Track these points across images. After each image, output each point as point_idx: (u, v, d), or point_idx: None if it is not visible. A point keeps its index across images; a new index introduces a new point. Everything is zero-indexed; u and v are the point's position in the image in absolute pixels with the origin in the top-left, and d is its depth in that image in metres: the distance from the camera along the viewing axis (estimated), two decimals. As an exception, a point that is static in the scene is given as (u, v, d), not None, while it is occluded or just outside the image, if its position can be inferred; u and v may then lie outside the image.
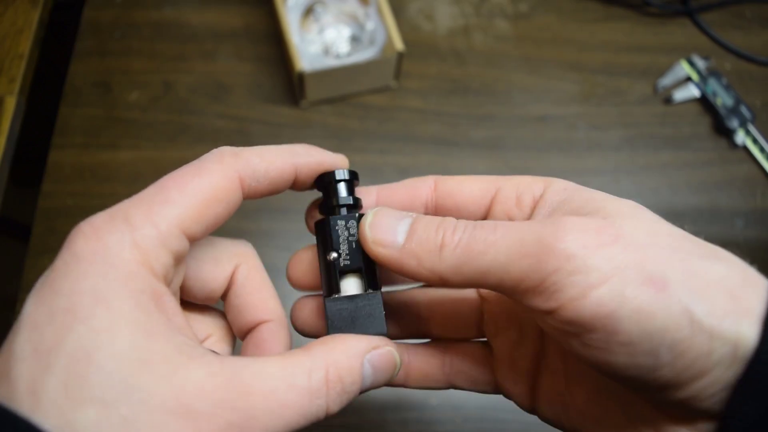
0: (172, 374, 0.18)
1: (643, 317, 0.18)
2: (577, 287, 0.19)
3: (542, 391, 0.26)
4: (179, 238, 0.21)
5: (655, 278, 0.19)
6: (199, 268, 0.24)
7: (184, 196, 0.21)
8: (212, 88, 0.60)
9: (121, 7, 0.63)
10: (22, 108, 0.55)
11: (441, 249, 0.21)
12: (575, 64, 0.63)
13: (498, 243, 0.20)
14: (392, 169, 0.57)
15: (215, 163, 0.22)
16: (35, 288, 0.19)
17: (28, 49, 0.57)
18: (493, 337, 0.27)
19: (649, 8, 0.66)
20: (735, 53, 0.64)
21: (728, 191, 0.58)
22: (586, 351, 0.20)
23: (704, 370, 0.19)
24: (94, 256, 0.19)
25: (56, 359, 0.17)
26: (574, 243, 0.19)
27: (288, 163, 0.24)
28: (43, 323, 0.18)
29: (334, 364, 0.21)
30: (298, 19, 0.58)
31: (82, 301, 0.18)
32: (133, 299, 0.19)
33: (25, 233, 0.54)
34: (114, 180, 0.55)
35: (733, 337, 0.18)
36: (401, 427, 0.47)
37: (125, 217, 0.20)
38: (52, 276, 0.19)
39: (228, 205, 0.22)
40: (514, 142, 0.59)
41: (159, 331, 0.19)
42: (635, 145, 0.60)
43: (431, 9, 0.65)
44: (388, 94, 0.60)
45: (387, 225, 0.23)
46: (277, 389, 0.19)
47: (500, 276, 0.20)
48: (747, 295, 0.19)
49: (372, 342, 0.23)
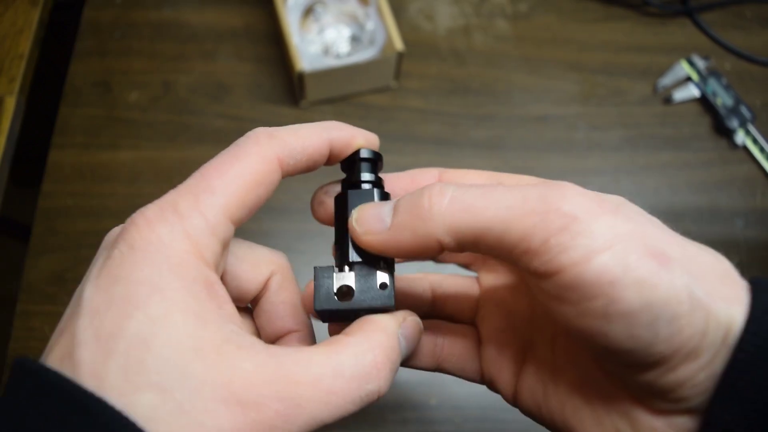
0: (222, 363, 0.19)
1: (645, 287, 0.18)
2: (580, 250, 0.19)
3: (526, 380, 0.26)
4: (226, 225, 0.21)
5: (658, 252, 0.19)
6: (239, 266, 0.24)
7: (227, 184, 0.21)
8: (212, 88, 0.60)
9: (121, 7, 0.63)
10: (22, 108, 0.55)
11: (431, 209, 0.21)
12: (575, 64, 0.63)
13: (499, 199, 0.20)
14: (392, 169, 0.56)
15: (253, 146, 0.22)
16: (92, 275, 0.20)
17: (28, 49, 0.57)
18: (482, 323, 0.28)
19: (649, 8, 0.66)
20: (735, 53, 0.64)
21: (728, 191, 0.58)
22: (583, 320, 0.19)
23: (697, 351, 0.19)
24: (149, 247, 0.19)
25: (116, 345, 0.18)
26: (579, 206, 0.19)
27: (323, 139, 0.24)
28: (103, 309, 0.18)
29: (379, 346, 0.21)
30: (298, 19, 0.58)
31: (139, 290, 0.19)
32: (186, 288, 0.19)
33: (25, 233, 0.54)
34: (114, 180, 0.55)
35: (726, 320, 0.19)
36: (401, 427, 0.47)
37: (174, 209, 0.20)
38: (110, 264, 0.19)
39: (268, 186, 0.22)
40: (515, 142, 0.59)
41: (210, 320, 0.19)
42: (635, 145, 0.60)
43: (431, 9, 0.65)
44: (388, 94, 0.60)
45: (372, 213, 0.23)
46: (324, 377, 0.20)
47: (500, 234, 0.20)
48: (734, 284, 0.20)
49: (398, 316, 0.23)
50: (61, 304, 0.50)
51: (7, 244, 0.87)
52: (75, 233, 0.53)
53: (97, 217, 0.53)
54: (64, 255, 0.52)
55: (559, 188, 0.20)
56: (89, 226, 0.53)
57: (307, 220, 0.31)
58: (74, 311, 0.19)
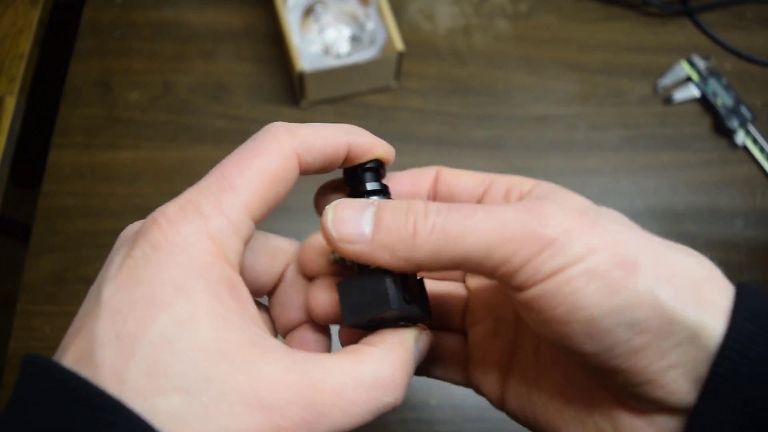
0: (248, 367, 0.18)
1: (606, 294, 0.19)
2: (553, 269, 0.19)
3: (511, 384, 0.26)
4: (248, 224, 0.21)
5: (626, 260, 0.19)
6: (256, 260, 0.24)
7: (247, 181, 0.21)
8: (212, 88, 0.60)
9: (121, 7, 0.63)
10: (22, 108, 0.55)
11: (414, 236, 0.21)
12: (575, 64, 0.63)
13: (478, 227, 0.20)
14: (393, 169, 0.56)
15: (272, 142, 0.22)
16: (110, 274, 0.19)
17: (28, 49, 0.57)
18: (470, 327, 0.28)
19: (649, 8, 0.66)
20: (735, 53, 0.64)
21: (728, 191, 0.58)
22: (548, 327, 0.20)
23: (662, 352, 0.19)
24: (172, 248, 0.19)
25: (140, 347, 0.18)
26: (557, 228, 0.20)
27: (343, 140, 0.24)
28: (125, 310, 0.18)
29: (399, 359, 0.21)
30: (299, 19, 0.58)
31: (163, 291, 0.18)
32: (210, 290, 0.19)
33: (25, 233, 0.54)
34: (114, 180, 0.55)
35: (694, 324, 0.19)
36: (401, 427, 0.47)
37: (196, 208, 0.20)
38: (131, 264, 0.19)
39: (288, 183, 0.22)
40: (515, 142, 0.59)
41: (235, 322, 0.19)
42: (635, 146, 0.60)
43: (431, 9, 0.65)
44: (388, 94, 0.60)
45: (350, 218, 0.22)
46: (346, 386, 0.20)
47: (480, 260, 0.20)
48: (711, 288, 0.20)
49: (416, 329, 0.23)
50: (61, 304, 0.50)
51: (7, 244, 0.87)
52: (75, 233, 0.53)
53: (97, 217, 0.53)
54: (64, 255, 0.52)
55: (538, 211, 0.20)
56: (89, 226, 0.53)
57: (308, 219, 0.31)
58: (92, 311, 0.19)
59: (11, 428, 0.17)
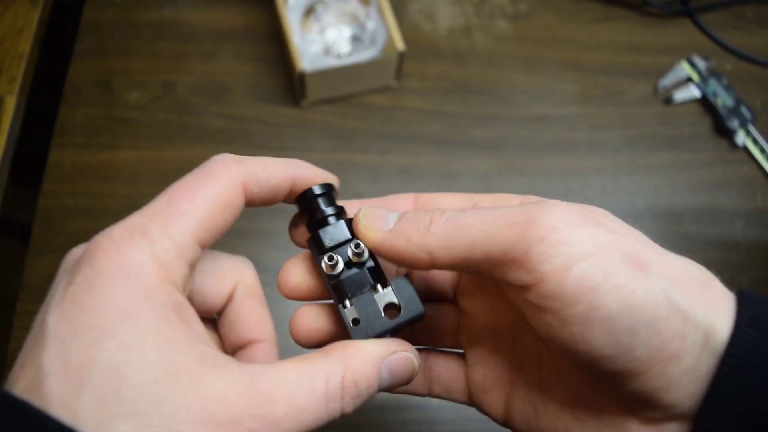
0: (197, 385, 0.19)
1: (624, 293, 0.19)
2: (561, 257, 0.20)
3: (516, 402, 0.26)
4: (194, 247, 0.21)
5: (636, 259, 0.19)
6: (203, 282, 0.24)
7: (195, 206, 0.21)
8: (212, 88, 0.60)
9: (121, 7, 0.63)
10: (22, 108, 0.55)
11: (430, 225, 0.22)
12: (575, 64, 0.63)
13: (485, 216, 0.22)
14: (393, 169, 0.57)
15: (221, 171, 0.22)
16: (54, 301, 0.19)
17: (28, 49, 0.57)
18: (468, 348, 0.28)
19: (649, 8, 0.66)
20: (735, 54, 0.64)
21: (728, 191, 0.58)
22: (565, 328, 0.20)
23: (678, 354, 0.19)
24: (118, 272, 0.19)
25: (88, 376, 0.18)
26: (558, 218, 0.20)
27: (288, 174, 0.25)
28: (70, 339, 0.18)
29: (350, 369, 0.22)
30: (299, 19, 0.58)
31: (108, 318, 0.18)
32: (156, 313, 0.19)
33: (25, 233, 0.54)
34: (114, 180, 0.55)
35: (705, 324, 0.19)
36: (401, 427, 0.47)
37: (143, 231, 0.20)
38: (74, 291, 0.19)
39: (234, 211, 0.23)
40: (515, 142, 0.59)
41: (182, 342, 0.19)
42: (635, 146, 0.60)
43: (432, 9, 0.65)
44: (388, 94, 0.60)
45: (379, 214, 0.24)
46: (296, 395, 0.20)
47: (486, 247, 0.21)
48: (715, 292, 0.20)
49: (390, 347, 0.23)
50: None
51: (7, 244, 0.87)
52: (75, 233, 0.53)
53: (97, 217, 0.53)
54: (64, 255, 0.52)
55: (541, 204, 0.21)
56: (89, 226, 0.53)
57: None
58: (38, 341, 0.19)
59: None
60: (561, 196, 0.57)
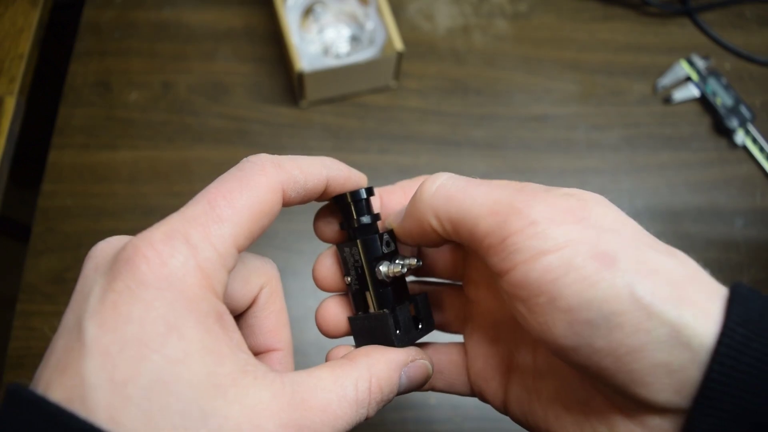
0: (242, 397, 0.19)
1: (585, 286, 0.19)
2: (531, 251, 0.20)
3: (512, 390, 0.26)
4: (234, 255, 0.21)
5: (605, 255, 0.20)
6: (231, 285, 0.24)
7: (235, 214, 0.21)
8: (212, 88, 0.60)
9: (121, 7, 0.63)
10: (22, 108, 0.55)
11: (421, 195, 0.24)
12: (575, 63, 0.63)
13: (475, 195, 0.22)
14: (392, 169, 0.57)
15: (260, 176, 0.22)
16: (93, 309, 0.19)
17: (28, 49, 0.57)
18: (470, 335, 0.28)
19: (649, 8, 0.66)
20: (735, 53, 0.64)
21: (728, 191, 0.58)
22: (532, 317, 0.21)
23: (643, 349, 0.19)
24: (161, 283, 0.19)
25: (135, 390, 0.17)
26: (541, 213, 0.21)
27: (323, 175, 0.25)
28: (115, 351, 0.18)
29: (376, 375, 0.23)
30: (298, 19, 0.58)
31: (154, 330, 0.18)
32: (201, 324, 0.19)
33: (25, 233, 0.54)
34: (113, 180, 0.55)
35: (672, 320, 0.19)
36: (400, 427, 0.47)
37: (185, 238, 0.20)
38: (115, 300, 0.19)
39: (272, 216, 0.23)
40: (514, 141, 0.59)
41: (226, 354, 0.20)
42: (635, 145, 0.60)
43: (431, 9, 0.65)
44: (387, 94, 0.60)
45: (397, 211, 0.27)
46: (331, 402, 0.21)
47: (471, 227, 0.22)
48: (693, 288, 0.20)
49: (410, 354, 0.25)
50: (61, 304, 0.50)
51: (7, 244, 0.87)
52: (75, 233, 0.53)
53: (97, 217, 0.53)
54: (64, 255, 0.52)
55: (531, 193, 0.22)
56: (89, 226, 0.53)
57: (307, 220, 0.31)
58: (75, 348, 0.18)
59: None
60: (560, 195, 0.57)
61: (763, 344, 0.19)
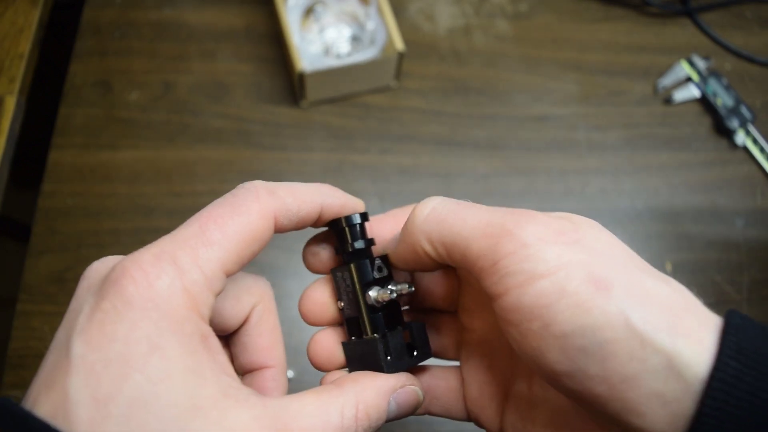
0: (222, 418, 0.19)
1: (578, 312, 0.19)
2: (524, 274, 0.20)
3: (508, 417, 0.26)
4: (222, 278, 0.21)
5: (599, 279, 0.19)
6: (221, 304, 0.24)
7: (225, 238, 0.21)
8: (212, 88, 0.60)
9: (121, 7, 0.63)
10: (22, 108, 0.55)
11: (414, 220, 0.24)
12: (575, 64, 0.63)
13: (467, 218, 0.22)
14: (393, 169, 0.57)
15: (253, 202, 0.22)
16: (81, 327, 0.19)
17: (28, 49, 0.57)
18: (466, 361, 0.28)
19: (649, 8, 0.66)
20: (735, 53, 0.64)
21: (728, 191, 0.58)
22: (525, 342, 0.20)
23: (637, 377, 0.19)
24: (147, 303, 0.19)
25: (116, 408, 0.18)
26: (532, 234, 0.21)
27: (317, 203, 0.25)
28: (98, 369, 0.18)
29: (363, 401, 0.22)
30: (299, 19, 0.58)
31: (138, 349, 0.18)
32: (184, 345, 0.19)
33: (25, 233, 0.54)
34: (114, 180, 0.55)
35: (666, 349, 0.19)
36: (400, 427, 0.47)
37: (173, 260, 0.20)
38: (102, 319, 0.19)
39: (263, 243, 0.23)
40: (515, 142, 0.59)
41: (208, 375, 0.20)
42: (635, 146, 0.60)
43: (431, 9, 0.65)
44: (388, 94, 0.60)
45: (392, 238, 0.27)
46: (315, 428, 0.21)
47: (463, 250, 0.22)
48: (687, 317, 0.20)
49: (399, 380, 0.24)
50: (61, 304, 0.50)
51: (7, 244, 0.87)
52: (75, 233, 0.53)
53: (97, 217, 0.53)
54: (64, 255, 0.52)
55: (522, 215, 0.21)
56: (89, 226, 0.53)
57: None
58: (62, 365, 0.19)
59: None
60: (560, 196, 0.57)
61: (756, 377, 0.18)
